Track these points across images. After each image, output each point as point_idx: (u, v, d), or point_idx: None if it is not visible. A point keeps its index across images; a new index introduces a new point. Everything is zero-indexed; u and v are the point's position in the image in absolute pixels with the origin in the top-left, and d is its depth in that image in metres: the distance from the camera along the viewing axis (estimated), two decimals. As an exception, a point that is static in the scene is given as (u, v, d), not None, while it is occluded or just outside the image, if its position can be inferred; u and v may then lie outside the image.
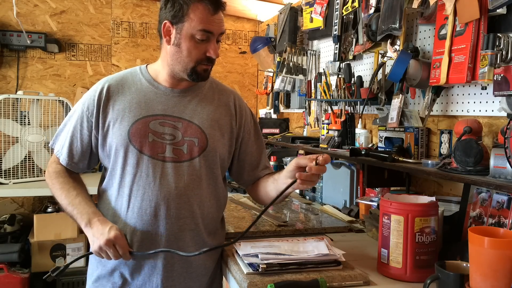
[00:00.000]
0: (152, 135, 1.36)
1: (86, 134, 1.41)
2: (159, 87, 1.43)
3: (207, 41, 1.34)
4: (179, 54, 1.35)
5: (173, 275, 1.38)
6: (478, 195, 1.48)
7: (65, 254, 3.03)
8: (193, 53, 1.34)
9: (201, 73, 1.37)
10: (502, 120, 1.52)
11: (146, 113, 1.38)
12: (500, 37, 1.36)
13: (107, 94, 1.40)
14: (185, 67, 1.36)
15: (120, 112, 1.38)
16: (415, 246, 1.30)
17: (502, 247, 1.01)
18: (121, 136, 1.36)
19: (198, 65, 1.36)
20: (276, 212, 2.10)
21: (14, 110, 2.97)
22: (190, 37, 1.32)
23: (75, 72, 3.66)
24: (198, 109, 1.43)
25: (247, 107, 1.57)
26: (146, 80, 1.44)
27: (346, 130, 2.27)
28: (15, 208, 3.41)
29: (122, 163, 1.36)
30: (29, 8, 3.52)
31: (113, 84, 1.42)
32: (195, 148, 1.38)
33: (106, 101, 1.40)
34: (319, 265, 1.35)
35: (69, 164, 1.44)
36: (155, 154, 1.36)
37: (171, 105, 1.41)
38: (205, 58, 1.35)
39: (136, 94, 1.41)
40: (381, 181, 1.88)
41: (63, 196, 1.38)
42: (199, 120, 1.41)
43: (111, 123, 1.38)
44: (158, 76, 1.44)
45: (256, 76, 4.14)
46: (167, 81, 1.43)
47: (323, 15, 2.60)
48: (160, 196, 1.34)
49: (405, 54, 1.75)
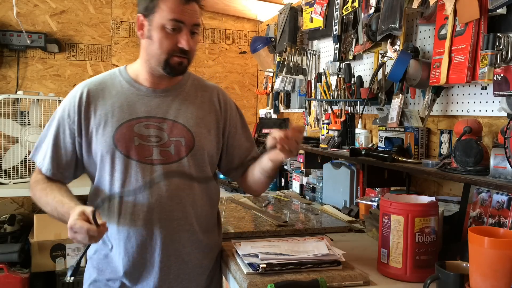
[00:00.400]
0: (138, 139, 1.33)
1: (69, 143, 1.36)
2: (140, 88, 1.39)
3: (179, 31, 1.30)
4: (152, 46, 1.32)
5: (169, 277, 1.36)
6: (478, 195, 1.48)
7: (65, 254, 3.03)
8: (164, 44, 1.30)
9: (175, 66, 1.33)
10: (502, 120, 1.51)
11: (129, 116, 1.34)
12: (500, 37, 1.36)
13: (87, 99, 1.36)
14: (158, 60, 1.32)
15: (103, 117, 1.34)
16: (415, 246, 1.30)
17: (502, 247, 1.01)
18: (106, 143, 1.32)
19: (170, 57, 1.31)
20: (276, 212, 2.11)
21: (14, 110, 2.97)
22: (161, 28, 1.29)
23: (75, 72, 3.66)
24: (182, 108, 1.40)
25: (232, 101, 1.54)
26: (126, 82, 1.40)
27: (346, 130, 2.27)
28: (15, 208, 3.41)
29: (109, 170, 1.33)
30: (29, 8, 3.52)
31: (93, 89, 1.38)
32: (182, 148, 1.36)
33: (87, 107, 1.35)
34: (319, 265, 1.35)
35: (54, 174, 1.37)
36: (142, 158, 1.33)
37: (154, 106, 1.37)
38: (177, 49, 1.31)
39: (117, 97, 1.37)
40: (381, 181, 1.88)
41: (48, 199, 1.32)
42: (184, 119, 1.38)
43: (94, 129, 1.34)
44: (138, 76, 1.40)
45: (256, 76, 4.14)
46: (148, 81, 1.39)
47: (323, 15, 2.60)
48: (151, 200, 1.32)
49: (405, 54, 1.75)
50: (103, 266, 1.38)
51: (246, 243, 1.48)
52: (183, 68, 1.36)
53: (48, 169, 1.37)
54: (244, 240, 1.55)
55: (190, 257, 1.39)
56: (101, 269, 1.38)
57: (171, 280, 1.37)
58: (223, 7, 3.76)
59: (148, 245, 1.33)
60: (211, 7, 3.79)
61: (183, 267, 1.38)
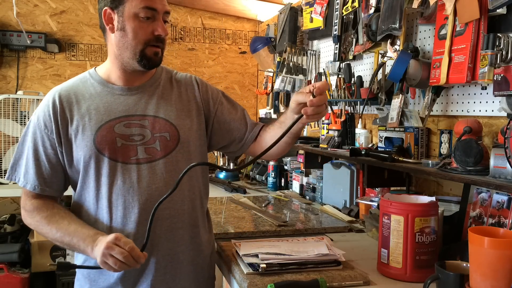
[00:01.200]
0: (120, 139, 1.29)
1: (52, 154, 1.30)
2: (114, 88, 1.34)
3: (153, 19, 1.27)
4: (125, 38, 1.27)
5: (166, 278, 1.33)
6: (478, 195, 1.48)
7: (65, 254, 3.03)
8: (139, 34, 1.26)
9: (151, 57, 1.29)
10: (502, 120, 1.52)
11: (108, 117, 1.30)
12: (500, 37, 1.36)
13: (60, 105, 1.30)
14: (134, 52, 1.28)
15: (80, 122, 1.29)
16: (415, 246, 1.30)
17: (502, 247, 1.01)
18: (87, 147, 1.28)
19: (147, 47, 1.28)
20: (276, 212, 2.11)
21: (14, 110, 2.98)
22: (134, 17, 1.26)
23: (75, 72, 3.66)
24: (161, 102, 1.36)
25: (209, 84, 1.51)
26: (98, 83, 1.35)
27: (346, 130, 2.27)
28: (15, 208, 3.41)
29: (94, 175, 1.28)
30: (29, 8, 3.52)
31: (64, 94, 1.32)
32: (168, 143, 1.32)
33: (62, 112, 1.30)
34: (319, 265, 1.35)
35: (42, 189, 1.30)
36: (127, 159, 1.29)
37: (132, 104, 1.33)
38: (153, 38, 1.27)
39: (92, 100, 1.32)
40: (381, 181, 1.88)
41: (54, 230, 1.26)
42: (164, 113, 1.35)
43: (73, 135, 1.29)
44: (110, 76, 1.35)
45: (256, 76, 4.14)
46: (121, 79, 1.35)
47: (323, 15, 2.60)
48: (141, 200, 1.28)
49: (405, 54, 1.75)
50: (95, 275, 1.33)
51: (246, 243, 1.48)
52: (159, 59, 1.32)
53: (36, 185, 1.31)
54: (244, 240, 1.55)
55: (184, 256, 1.36)
56: (93, 279, 1.33)
57: (168, 280, 1.33)
58: (223, 7, 3.76)
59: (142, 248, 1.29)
60: (211, 7, 3.79)
61: (179, 267, 1.35)
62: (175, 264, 1.35)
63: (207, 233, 1.46)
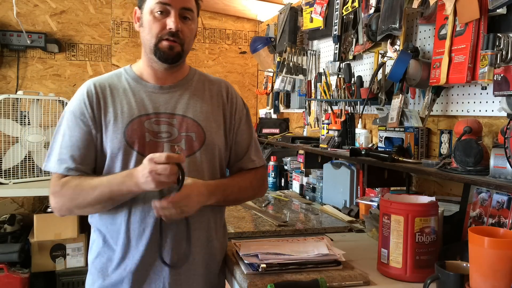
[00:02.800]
0: (149, 135, 1.31)
1: (86, 139, 1.31)
2: (147, 85, 1.38)
3: (167, 15, 1.30)
4: (144, 34, 1.33)
5: (180, 278, 1.33)
6: (478, 195, 1.48)
7: (65, 254, 3.03)
8: (153, 28, 1.30)
9: (165, 50, 1.31)
10: (502, 120, 1.52)
11: (139, 112, 1.33)
12: (500, 37, 1.36)
13: (96, 94, 1.34)
14: (150, 46, 1.32)
15: (112, 114, 1.32)
16: (415, 246, 1.30)
17: (502, 247, 1.01)
18: (117, 139, 1.30)
19: (160, 41, 1.30)
20: (276, 212, 2.11)
21: (14, 110, 2.97)
22: (150, 13, 1.30)
23: (75, 72, 3.66)
24: (191, 102, 1.39)
25: (239, 96, 1.52)
26: (132, 79, 1.39)
27: (346, 130, 2.27)
28: (15, 208, 3.41)
29: (121, 167, 1.30)
30: (29, 8, 3.52)
31: (99, 85, 1.36)
32: (194, 143, 1.34)
33: (97, 101, 1.33)
34: (319, 265, 1.35)
35: (75, 168, 1.30)
36: None
37: (162, 102, 1.36)
38: (166, 32, 1.30)
39: (125, 95, 1.36)
40: (381, 181, 1.88)
41: (90, 191, 1.25)
42: (193, 113, 1.37)
43: (104, 125, 1.32)
44: (143, 73, 1.40)
45: (256, 76, 4.14)
46: (153, 77, 1.38)
47: (323, 15, 2.60)
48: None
49: (405, 54, 1.75)
50: (108, 269, 1.33)
51: (246, 243, 1.48)
52: (175, 53, 1.33)
53: (69, 169, 1.29)
54: (244, 240, 1.55)
55: (199, 257, 1.36)
56: (106, 273, 1.34)
57: (182, 281, 1.33)
58: (223, 7, 3.76)
59: (158, 244, 1.29)
60: (211, 7, 3.79)
61: (193, 268, 1.35)
62: (190, 265, 1.34)
63: (221, 238, 1.46)
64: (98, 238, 1.37)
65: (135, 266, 1.30)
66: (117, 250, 1.32)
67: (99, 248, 1.35)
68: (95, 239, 1.38)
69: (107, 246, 1.34)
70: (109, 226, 1.33)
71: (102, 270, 1.35)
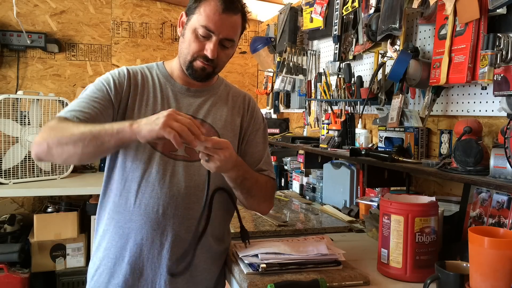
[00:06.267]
0: None
1: (105, 106, 1.30)
2: (175, 84, 1.42)
3: (208, 39, 1.32)
4: (183, 44, 1.36)
5: (177, 280, 1.33)
6: (478, 195, 1.48)
7: (65, 254, 3.03)
8: (192, 46, 1.33)
9: (197, 70, 1.35)
10: (502, 120, 1.52)
11: (161, 108, 1.34)
12: (500, 37, 1.36)
13: (128, 78, 1.37)
14: (185, 59, 1.35)
15: (137, 103, 1.36)
16: (415, 246, 1.30)
17: (502, 247, 1.01)
18: None
19: (195, 59, 1.34)
20: (276, 212, 2.11)
21: (14, 110, 2.97)
22: (193, 30, 1.32)
23: (75, 72, 3.66)
24: (213, 109, 1.42)
25: (260, 111, 1.55)
26: (162, 76, 1.43)
27: (346, 130, 2.27)
28: (15, 208, 3.41)
29: (132, 157, 1.33)
30: (29, 8, 3.52)
31: (132, 71, 1.40)
32: None
33: (128, 84, 1.36)
34: (319, 265, 1.35)
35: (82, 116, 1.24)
36: (167, 152, 1.33)
37: (186, 104, 1.40)
38: (202, 55, 1.33)
39: (153, 88, 1.39)
40: (381, 181, 1.88)
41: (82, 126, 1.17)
42: (212, 120, 1.40)
43: (123, 108, 1.34)
44: (173, 72, 1.43)
45: (256, 76, 4.14)
46: (181, 79, 1.42)
47: (323, 15, 2.60)
48: (169, 194, 1.30)
49: (405, 54, 1.75)
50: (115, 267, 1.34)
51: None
52: (206, 74, 1.37)
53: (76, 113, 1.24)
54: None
55: (199, 261, 1.36)
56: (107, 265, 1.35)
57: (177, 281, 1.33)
58: (223, 7, 3.75)
59: (157, 241, 1.30)
60: (211, 7, 3.79)
61: (192, 270, 1.35)
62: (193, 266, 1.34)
63: (225, 244, 1.48)
64: None
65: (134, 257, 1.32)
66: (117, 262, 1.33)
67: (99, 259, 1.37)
68: None
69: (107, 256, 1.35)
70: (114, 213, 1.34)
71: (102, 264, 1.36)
